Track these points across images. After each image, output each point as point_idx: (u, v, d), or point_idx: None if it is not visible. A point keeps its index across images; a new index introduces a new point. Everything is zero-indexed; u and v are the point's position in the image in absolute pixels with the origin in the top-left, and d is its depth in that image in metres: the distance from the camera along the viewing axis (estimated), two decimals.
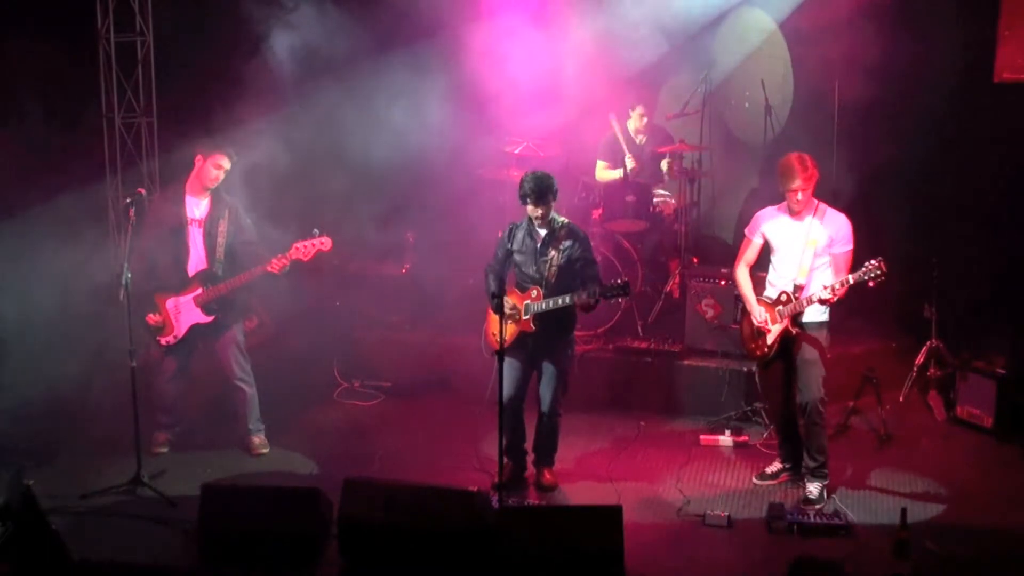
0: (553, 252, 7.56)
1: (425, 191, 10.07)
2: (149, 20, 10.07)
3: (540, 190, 7.45)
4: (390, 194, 10.28)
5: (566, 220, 7.70)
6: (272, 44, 9.70)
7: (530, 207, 7.52)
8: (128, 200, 7.89)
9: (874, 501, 7.68)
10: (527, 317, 7.54)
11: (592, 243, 9.45)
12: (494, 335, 7.68)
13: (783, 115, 10.35)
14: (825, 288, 7.19)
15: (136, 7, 10.00)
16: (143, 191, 8.18)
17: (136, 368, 7.72)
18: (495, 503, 7.08)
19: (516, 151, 10.05)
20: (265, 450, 8.43)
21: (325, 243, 8.00)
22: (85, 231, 9.69)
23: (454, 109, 10.25)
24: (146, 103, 10.17)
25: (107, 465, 8.05)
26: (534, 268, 7.59)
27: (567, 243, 7.58)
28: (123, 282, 7.65)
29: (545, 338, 7.60)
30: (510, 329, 7.53)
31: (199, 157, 8.08)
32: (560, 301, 7.47)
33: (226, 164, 8.06)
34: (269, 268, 7.93)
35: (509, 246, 7.71)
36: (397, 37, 9.91)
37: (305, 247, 7.97)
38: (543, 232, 7.58)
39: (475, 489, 6.69)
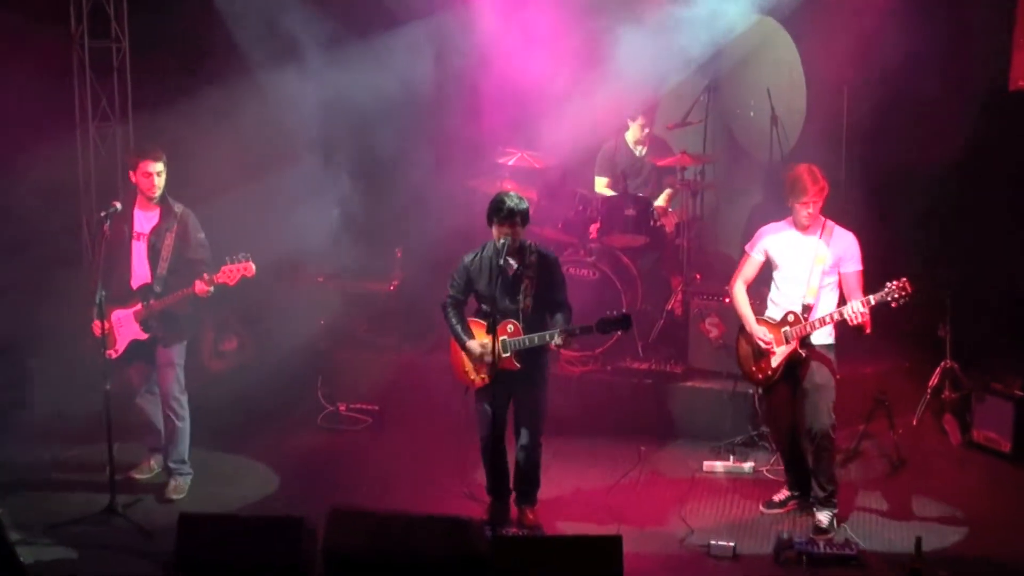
0: (527, 281, 7.44)
1: (414, 204, 10.09)
2: (125, 25, 10.09)
3: (514, 212, 7.28)
4: (377, 207, 10.31)
5: (534, 244, 7.55)
6: (252, 49, 9.75)
7: (504, 229, 7.30)
8: (103, 214, 7.87)
9: (887, 530, 7.69)
10: (507, 354, 7.39)
11: (590, 259, 9.57)
12: (466, 372, 7.66)
13: (790, 124, 10.38)
14: (853, 310, 7.17)
15: (111, 12, 10.02)
16: (118, 204, 8.18)
17: (110, 390, 7.70)
18: (488, 533, 7.08)
19: (510, 162, 10.03)
20: (176, 496, 8.12)
21: (248, 268, 7.78)
22: (58, 247, 9.73)
23: (444, 118, 10.29)
24: (121, 112, 10.18)
25: (80, 493, 8.05)
26: (508, 300, 7.43)
27: (540, 270, 7.44)
28: (97, 300, 7.65)
29: (524, 370, 7.47)
30: (485, 369, 7.45)
31: (129, 174, 8.02)
32: (542, 338, 7.32)
33: (156, 167, 7.91)
34: (195, 290, 7.80)
35: (469, 279, 7.51)
36: (384, 40, 9.95)
37: (229, 271, 7.78)
38: (513, 260, 7.35)
39: (467, 517, 6.69)
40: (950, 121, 9.43)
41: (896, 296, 7.11)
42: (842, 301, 7.45)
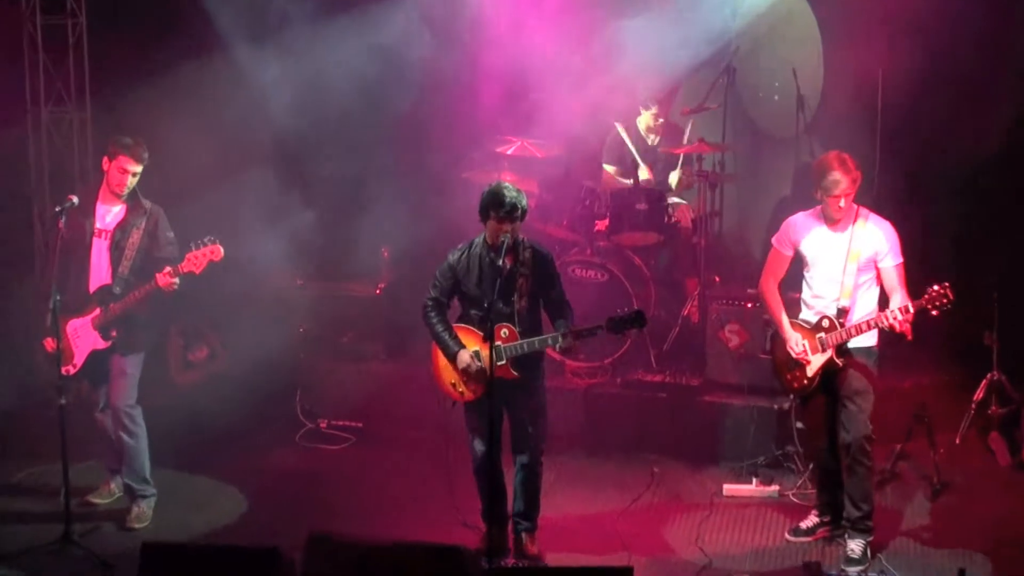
0: (521, 280, 7.37)
1: (402, 198, 10.02)
2: None
3: (515, 207, 7.20)
4: (360, 203, 10.23)
5: (526, 240, 7.48)
6: (225, 25, 9.69)
7: (504, 226, 7.21)
8: (57, 209, 7.81)
9: (927, 560, 7.62)
10: (503, 362, 7.27)
11: (598, 259, 9.51)
12: (452, 385, 7.55)
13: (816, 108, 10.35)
14: (892, 317, 7.12)
15: None
16: (75, 198, 8.07)
17: (65, 406, 7.62)
18: (484, 563, 7.01)
19: (509, 152, 10.01)
20: (139, 525, 8.04)
21: (215, 252, 7.78)
22: (7, 245, 9.66)
23: (437, 104, 10.22)
24: (78, 95, 10.15)
25: (33, 520, 8.02)
26: (501, 302, 7.32)
27: (535, 267, 7.38)
28: (51, 305, 7.57)
29: (521, 379, 7.39)
30: (478, 379, 7.35)
31: (104, 159, 7.98)
32: (543, 342, 7.25)
33: (133, 168, 7.89)
34: (158, 283, 7.75)
35: (455, 280, 7.45)
36: (371, 15, 9.90)
37: (196, 257, 7.77)
38: (507, 259, 7.30)
39: (461, 546, 6.63)
40: (998, 108, 9.38)
41: (937, 304, 7.04)
42: (883, 298, 7.36)
